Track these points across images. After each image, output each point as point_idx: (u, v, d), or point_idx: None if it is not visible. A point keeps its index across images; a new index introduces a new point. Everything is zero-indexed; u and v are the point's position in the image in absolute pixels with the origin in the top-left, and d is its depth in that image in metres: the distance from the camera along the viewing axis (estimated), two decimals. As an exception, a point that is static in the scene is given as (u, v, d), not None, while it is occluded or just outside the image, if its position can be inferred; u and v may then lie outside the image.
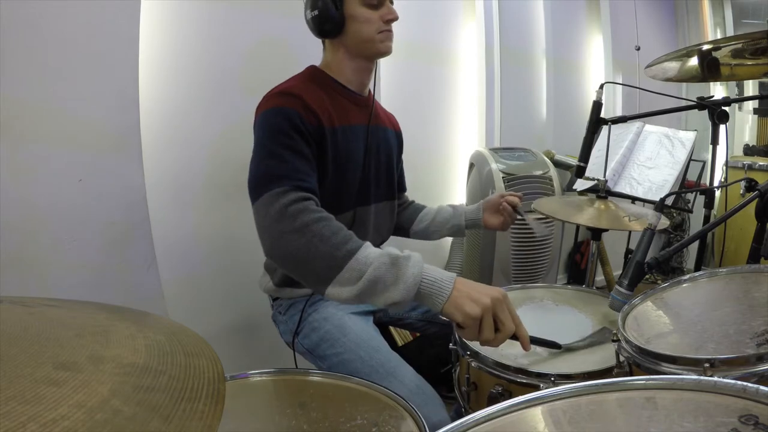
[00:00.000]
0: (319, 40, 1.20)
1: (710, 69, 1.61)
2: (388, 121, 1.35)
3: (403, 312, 1.35)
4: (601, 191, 1.40)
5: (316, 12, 1.10)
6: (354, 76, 1.19)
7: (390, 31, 1.15)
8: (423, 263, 0.84)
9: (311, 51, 1.24)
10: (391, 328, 1.60)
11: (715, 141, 1.49)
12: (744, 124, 3.67)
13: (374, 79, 1.25)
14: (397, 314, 1.35)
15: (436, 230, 1.43)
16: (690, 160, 1.98)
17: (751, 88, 3.34)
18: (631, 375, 0.75)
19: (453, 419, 0.50)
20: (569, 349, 0.97)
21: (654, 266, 0.89)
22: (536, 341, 0.90)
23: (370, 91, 1.28)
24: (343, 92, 1.18)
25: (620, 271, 1.36)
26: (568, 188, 2.27)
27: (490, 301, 0.79)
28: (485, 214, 1.37)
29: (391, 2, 1.16)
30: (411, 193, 1.50)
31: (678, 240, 3.06)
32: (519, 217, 1.31)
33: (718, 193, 2.14)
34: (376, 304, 0.84)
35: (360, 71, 1.19)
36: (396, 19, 1.14)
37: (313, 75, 1.18)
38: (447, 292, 0.81)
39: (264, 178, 0.97)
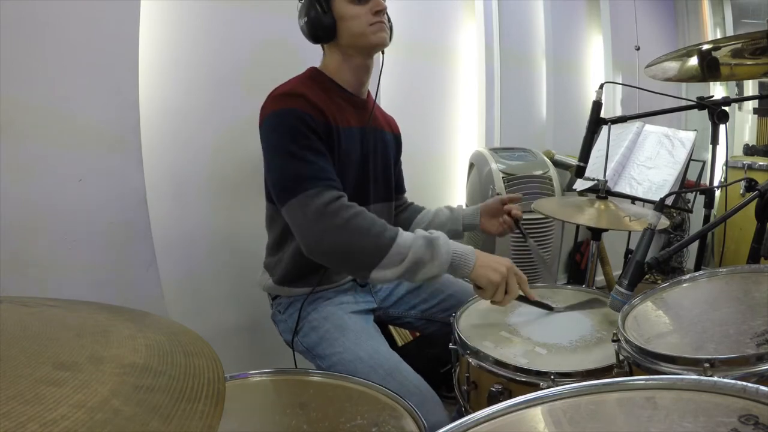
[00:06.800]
0: None
1: (710, 69, 1.61)
2: (386, 124, 1.35)
3: (402, 310, 1.35)
4: (601, 191, 1.40)
5: (306, 19, 1.13)
6: (352, 77, 1.20)
7: (382, 22, 1.14)
8: (449, 240, 1.00)
9: (312, 50, 1.24)
10: (391, 328, 1.60)
11: (715, 141, 1.49)
12: (744, 123, 3.67)
13: (378, 81, 1.25)
14: (396, 313, 1.35)
15: None
16: (690, 159, 1.98)
17: (751, 88, 3.34)
18: (631, 375, 0.75)
19: (454, 420, 0.50)
20: (561, 310, 1.12)
21: (654, 266, 0.89)
22: (534, 303, 1.09)
23: (369, 93, 1.28)
24: (341, 94, 1.19)
25: (620, 271, 1.36)
26: (568, 188, 2.27)
27: (506, 270, 0.99)
28: (483, 219, 1.36)
29: None
30: (411, 193, 1.50)
31: (678, 240, 3.06)
32: (519, 235, 1.29)
33: (718, 193, 2.14)
34: (416, 281, 1.00)
35: (357, 71, 1.20)
36: (384, 8, 1.14)
37: (313, 76, 1.19)
38: (472, 262, 0.99)
39: (294, 180, 1.02)
